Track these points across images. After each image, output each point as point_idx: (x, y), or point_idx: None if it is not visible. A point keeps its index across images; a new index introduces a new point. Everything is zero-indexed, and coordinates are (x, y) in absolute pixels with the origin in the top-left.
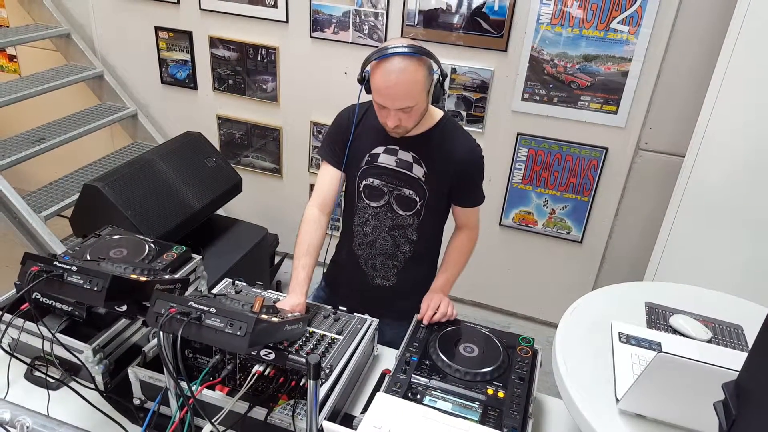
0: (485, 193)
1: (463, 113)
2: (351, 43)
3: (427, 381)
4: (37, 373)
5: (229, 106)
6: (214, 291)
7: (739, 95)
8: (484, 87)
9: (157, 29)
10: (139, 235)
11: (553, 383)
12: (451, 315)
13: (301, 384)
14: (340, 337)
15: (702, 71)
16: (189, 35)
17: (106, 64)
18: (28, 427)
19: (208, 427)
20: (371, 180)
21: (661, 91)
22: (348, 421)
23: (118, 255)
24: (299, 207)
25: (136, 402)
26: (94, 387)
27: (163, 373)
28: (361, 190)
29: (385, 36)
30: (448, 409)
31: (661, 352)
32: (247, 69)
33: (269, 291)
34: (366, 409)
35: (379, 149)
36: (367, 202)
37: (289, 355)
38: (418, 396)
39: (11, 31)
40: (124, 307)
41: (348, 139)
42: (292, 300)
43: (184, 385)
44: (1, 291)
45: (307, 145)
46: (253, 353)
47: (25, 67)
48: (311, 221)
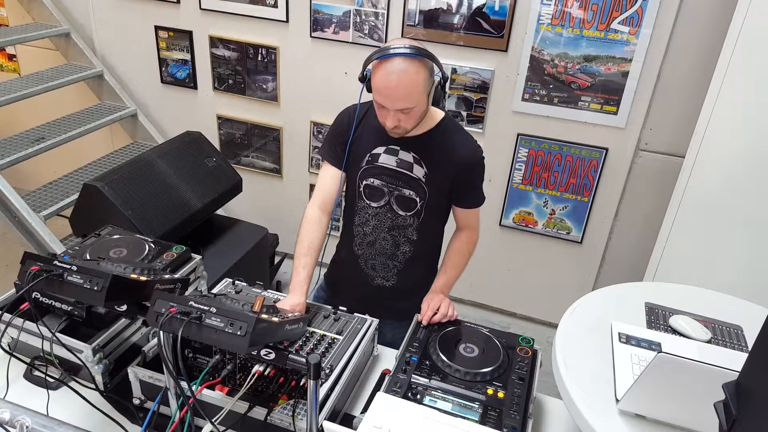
0: (485, 194)
1: (464, 113)
2: (351, 43)
3: (427, 381)
4: (36, 373)
5: (229, 105)
6: (214, 291)
7: (738, 96)
8: (484, 87)
9: (157, 29)
10: (138, 235)
11: (553, 383)
12: (451, 316)
13: (301, 384)
14: (340, 337)
15: (702, 72)
16: (189, 35)
17: (105, 63)
18: (27, 427)
19: (208, 427)
20: (371, 180)
21: (661, 92)
22: (348, 421)
23: (118, 255)
24: (299, 207)
25: (136, 402)
26: (93, 387)
27: (163, 372)
28: (361, 190)
29: (386, 36)
30: (448, 409)
31: (661, 353)
32: (248, 69)
33: (269, 291)
34: (366, 409)
35: (380, 149)
36: (367, 202)
37: (289, 355)
38: (418, 396)
39: (11, 30)
40: (124, 307)
41: (348, 139)
42: (292, 300)
43: (184, 384)
44: (0, 290)
45: (307, 145)
46: (253, 353)
47: (24, 66)
48: (312, 221)
